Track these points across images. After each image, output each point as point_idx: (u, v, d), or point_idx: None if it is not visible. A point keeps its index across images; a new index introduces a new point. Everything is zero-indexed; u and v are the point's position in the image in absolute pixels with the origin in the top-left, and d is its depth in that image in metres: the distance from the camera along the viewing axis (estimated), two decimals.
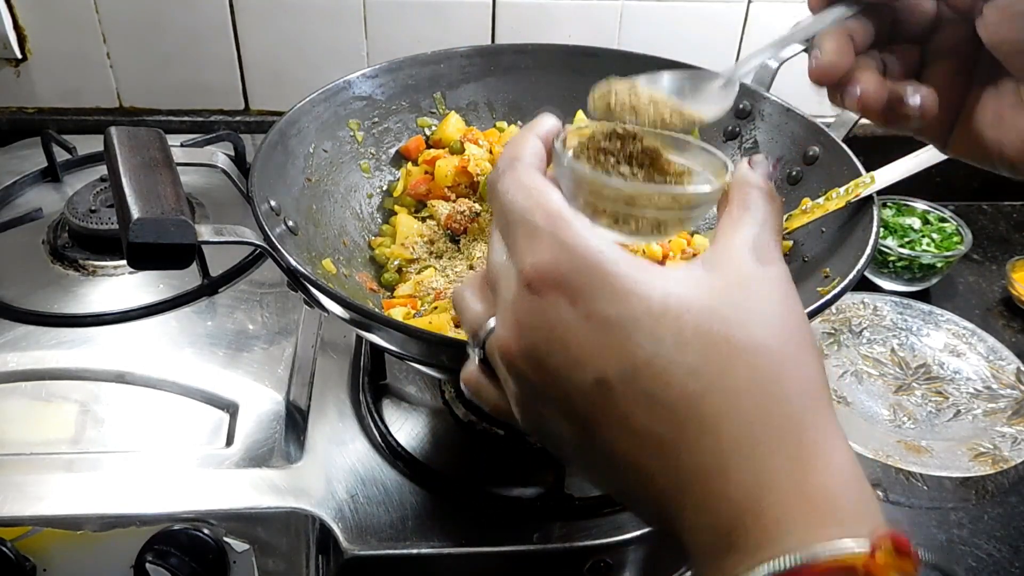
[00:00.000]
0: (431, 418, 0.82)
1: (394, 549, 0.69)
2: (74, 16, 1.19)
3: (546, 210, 0.38)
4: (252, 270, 0.99)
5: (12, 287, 0.94)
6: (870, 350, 1.01)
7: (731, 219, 0.40)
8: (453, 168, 0.89)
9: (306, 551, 0.72)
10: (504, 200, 0.40)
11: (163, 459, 0.76)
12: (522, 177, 0.40)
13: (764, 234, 0.39)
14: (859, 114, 0.56)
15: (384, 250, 0.87)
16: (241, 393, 0.82)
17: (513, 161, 0.42)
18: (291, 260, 0.65)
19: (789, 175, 0.87)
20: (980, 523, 0.82)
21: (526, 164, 0.42)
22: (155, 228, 0.60)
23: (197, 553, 0.70)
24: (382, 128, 0.94)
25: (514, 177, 0.41)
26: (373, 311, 0.65)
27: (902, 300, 1.07)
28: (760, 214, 0.40)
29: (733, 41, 1.23)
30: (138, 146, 0.69)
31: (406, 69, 0.94)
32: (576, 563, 0.71)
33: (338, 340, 0.89)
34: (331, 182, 0.87)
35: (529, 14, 1.20)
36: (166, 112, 1.28)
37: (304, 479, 0.74)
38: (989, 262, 1.21)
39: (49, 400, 0.81)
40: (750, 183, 0.42)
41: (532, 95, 1.00)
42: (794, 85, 0.99)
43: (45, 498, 0.71)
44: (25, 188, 1.12)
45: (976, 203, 1.34)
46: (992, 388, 0.95)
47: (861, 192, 0.75)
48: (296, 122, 0.83)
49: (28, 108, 1.27)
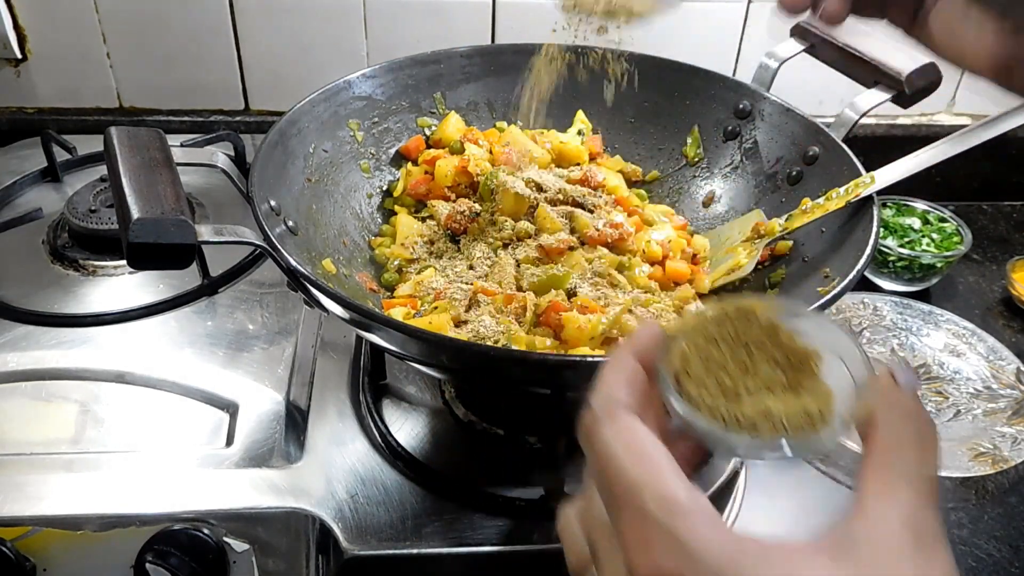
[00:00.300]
0: (431, 418, 0.82)
1: (394, 549, 0.69)
2: (74, 16, 1.19)
3: (658, 493, 0.32)
4: (252, 270, 0.99)
5: (12, 287, 0.94)
6: (870, 350, 1.01)
7: (878, 473, 0.33)
8: (453, 168, 0.89)
9: (306, 551, 0.72)
10: (605, 462, 0.34)
11: (163, 459, 0.76)
12: (625, 433, 0.35)
13: (924, 506, 0.31)
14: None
15: (384, 250, 0.87)
16: (241, 393, 0.82)
17: (612, 406, 0.36)
18: (291, 260, 0.65)
19: (789, 175, 0.87)
20: (980, 523, 0.82)
21: (627, 409, 0.36)
22: (155, 228, 0.60)
23: (197, 553, 0.70)
24: (382, 128, 0.94)
25: (615, 432, 0.35)
26: (373, 311, 0.65)
27: (902, 300, 1.07)
28: (917, 467, 0.32)
29: (733, 41, 1.23)
30: (138, 146, 0.69)
31: (406, 69, 0.95)
32: None
33: (338, 340, 0.89)
34: (331, 182, 0.87)
35: (529, 14, 1.20)
36: (166, 112, 1.28)
37: (304, 479, 0.74)
38: (989, 262, 1.21)
39: (49, 400, 0.81)
40: (902, 409, 0.34)
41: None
42: (794, 85, 0.99)
43: (45, 498, 0.71)
44: (25, 188, 1.12)
45: (976, 203, 1.34)
46: (992, 388, 0.95)
47: (861, 192, 0.75)
48: (296, 122, 0.83)
49: (28, 108, 1.27)
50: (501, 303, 0.75)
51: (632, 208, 0.90)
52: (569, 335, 0.72)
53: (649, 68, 0.97)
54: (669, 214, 0.93)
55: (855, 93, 0.83)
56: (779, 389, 0.38)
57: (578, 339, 0.72)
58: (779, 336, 0.39)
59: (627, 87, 0.98)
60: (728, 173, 0.94)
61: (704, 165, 0.95)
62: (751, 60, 1.11)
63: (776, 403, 0.37)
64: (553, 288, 0.77)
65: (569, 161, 0.95)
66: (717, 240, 0.90)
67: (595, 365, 0.58)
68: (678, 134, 0.96)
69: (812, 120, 0.86)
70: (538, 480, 0.74)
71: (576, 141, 0.96)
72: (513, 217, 0.84)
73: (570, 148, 0.95)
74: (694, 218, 0.94)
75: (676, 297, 0.81)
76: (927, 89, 0.80)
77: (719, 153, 0.94)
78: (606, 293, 0.77)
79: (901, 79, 0.79)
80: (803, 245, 0.82)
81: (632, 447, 0.34)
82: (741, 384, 0.38)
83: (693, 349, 0.39)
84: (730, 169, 0.93)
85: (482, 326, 0.72)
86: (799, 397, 0.38)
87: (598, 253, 0.81)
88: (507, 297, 0.75)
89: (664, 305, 0.78)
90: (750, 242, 0.84)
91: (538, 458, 0.78)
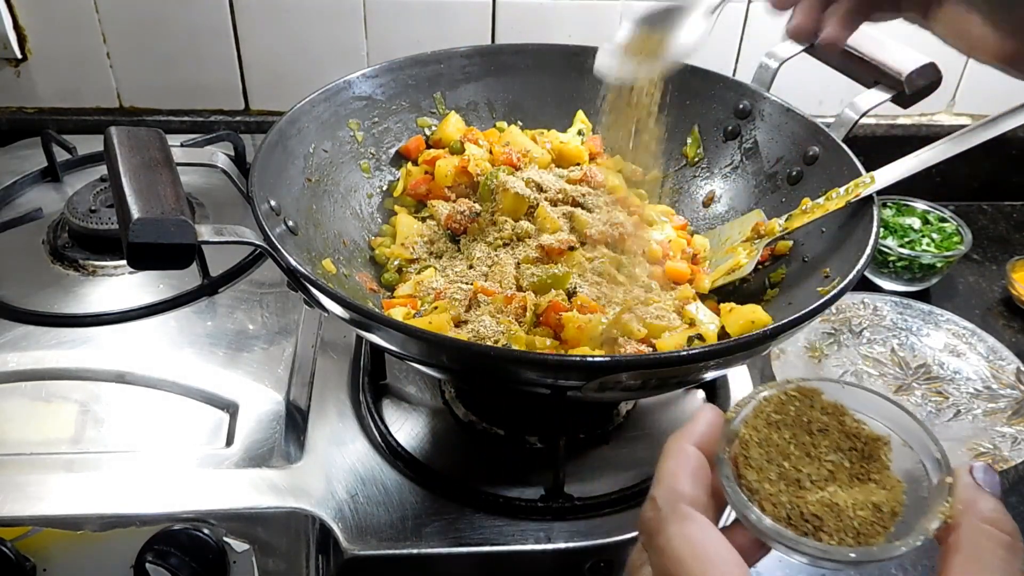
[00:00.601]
0: (431, 418, 0.82)
1: (394, 549, 0.69)
2: (74, 16, 1.19)
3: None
4: (252, 270, 0.99)
5: (12, 287, 0.94)
6: (870, 350, 1.01)
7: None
8: (453, 168, 0.89)
9: (306, 551, 0.72)
10: (671, 564, 0.33)
11: (163, 459, 0.76)
12: (691, 534, 0.34)
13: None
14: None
15: (384, 250, 0.87)
16: (241, 393, 0.82)
17: (677, 500, 0.35)
18: (291, 260, 0.65)
19: (789, 175, 0.87)
20: None
21: (692, 505, 0.35)
22: (155, 228, 0.60)
23: (197, 553, 0.70)
24: (382, 128, 0.94)
25: (681, 533, 0.34)
26: (373, 311, 0.65)
27: (902, 300, 1.07)
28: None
29: (733, 41, 1.23)
30: (138, 146, 0.69)
31: (406, 69, 0.95)
32: (576, 563, 0.71)
33: (338, 340, 0.89)
34: (331, 182, 0.87)
35: (529, 14, 1.20)
36: (166, 112, 1.28)
37: (304, 479, 0.74)
38: (989, 262, 1.21)
39: (49, 400, 0.81)
40: (986, 518, 0.33)
41: (532, 95, 1.00)
42: (794, 85, 0.99)
43: (45, 498, 0.71)
44: (25, 188, 1.12)
45: (976, 203, 1.34)
46: (992, 388, 0.95)
47: (861, 192, 0.75)
48: (296, 122, 0.83)
49: (28, 108, 1.27)
50: (501, 303, 0.75)
51: (632, 208, 0.90)
52: (569, 335, 0.72)
53: None
54: (669, 214, 0.93)
55: (855, 93, 0.83)
56: (845, 478, 0.36)
57: (578, 339, 0.72)
58: (844, 420, 0.37)
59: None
60: (728, 173, 0.94)
61: (704, 165, 0.95)
62: (751, 60, 1.11)
63: (843, 496, 0.35)
64: (553, 288, 0.77)
65: (569, 161, 0.95)
66: (717, 240, 0.90)
67: (595, 365, 0.59)
68: (678, 134, 0.96)
69: (812, 120, 0.86)
70: (538, 480, 0.74)
71: (576, 141, 0.96)
72: (513, 217, 0.84)
73: (570, 148, 0.95)
74: (694, 218, 0.94)
75: (676, 297, 0.81)
76: (927, 89, 0.81)
77: (719, 153, 0.94)
78: (606, 293, 0.77)
79: (901, 79, 0.79)
80: (803, 245, 0.82)
81: (698, 552, 0.33)
82: (804, 472, 0.36)
83: (753, 434, 0.37)
84: (730, 169, 0.93)
85: (482, 326, 0.72)
86: (867, 489, 0.35)
87: (598, 253, 0.81)
88: (507, 297, 0.75)
89: (664, 305, 0.79)
90: (750, 242, 0.84)
91: (538, 458, 0.78)
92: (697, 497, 0.36)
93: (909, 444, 0.37)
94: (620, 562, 0.72)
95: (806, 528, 0.35)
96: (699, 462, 0.37)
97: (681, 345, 0.73)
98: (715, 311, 0.80)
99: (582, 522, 0.72)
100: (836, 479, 0.36)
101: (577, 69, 0.98)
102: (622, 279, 0.80)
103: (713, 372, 0.70)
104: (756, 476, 0.36)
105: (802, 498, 0.35)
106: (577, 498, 0.73)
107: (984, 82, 1.21)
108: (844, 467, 0.36)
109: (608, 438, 0.81)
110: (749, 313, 0.75)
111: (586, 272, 0.79)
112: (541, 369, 0.60)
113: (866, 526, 0.34)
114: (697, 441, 0.38)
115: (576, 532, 0.71)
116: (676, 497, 0.35)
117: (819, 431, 0.37)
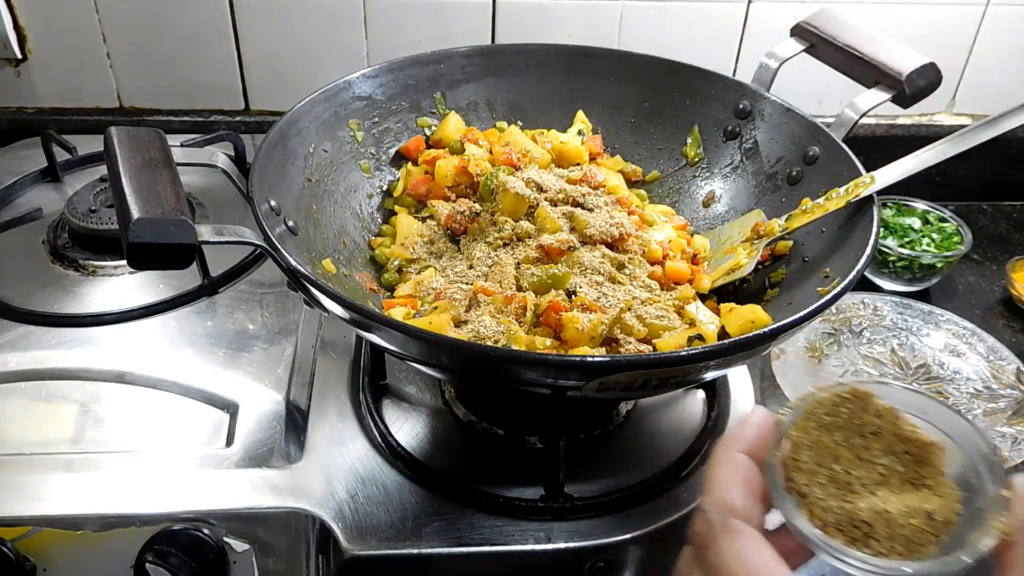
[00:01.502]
0: (431, 418, 0.82)
1: (394, 549, 0.69)
2: (74, 16, 1.19)
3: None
4: (252, 270, 0.99)
5: (12, 287, 0.94)
6: (870, 350, 1.01)
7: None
8: (453, 168, 0.89)
9: (306, 551, 0.72)
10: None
11: (163, 459, 0.76)
12: (742, 551, 0.33)
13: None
14: None
15: (384, 250, 0.87)
16: (241, 393, 0.82)
17: (728, 514, 0.34)
18: (291, 260, 0.65)
19: (789, 175, 0.87)
20: None
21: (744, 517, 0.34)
22: (155, 228, 0.60)
23: (197, 553, 0.70)
24: (382, 128, 0.94)
25: (732, 549, 0.33)
26: (373, 311, 0.65)
27: (902, 300, 1.07)
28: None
29: (733, 41, 1.23)
30: (138, 146, 0.69)
31: (406, 69, 0.95)
32: (576, 563, 0.71)
33: (338, 340, 0.89)
34: (331, 182, 0.87)
35: (529, 14, 1.20)
36: (166, 112, 1.28)
37: (304, 479, 0.74)
38: (989, 262, 1.21)
39: (49, 400, 0.81)
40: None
41: (532, 95, 1.00)
42: (794, 85, 0.99)
43: (45, 498, 0.71)
44: (25, 188, 1.12)
45: (976, 203, 1.34)
46: (992, 388, 0.95)
47: (861, 192, 0.75)
48: (296, 122, 0.83)
49: (28, 108, 1.27)
50: (501, 303, 0.75)
51: (632, 208, 0.90)
52: (569, 335, 0.72)
53: (649, 68, 0.97)
54: (669, 214, 0.93)
55: (855, 93, 0.83)
56: (897, 483, 0.35)
57: (578, 339, 0.72)
58: (898, 423, 0.36)
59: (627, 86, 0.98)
60: (728, 173, 0.94)
61: (704, 165, 0.95)
62: (751, 60, 1.11)
63: (894, 501, 0.34)
64: (553, 288, 0.77)
65: (569, 161, 0.95)
66: (717, 240, 0.90)
67: (595, 365, 0.59)
68: (678, 134, 0.96)
69: (812, 120, 0.86)
70: (538, 480, 0.74)
71: (576, 141, 0.96)
72: (513, 217, 0.84)
73: (570, 148, 0.95)
74: (694, 218, 0.94)
75: (676, 297, 0.81)
76: (927, 89, 0.81)
77: (719, 153, 0.94)
78: (606, 293, 0.77)
79: (901, 79, 0.79)
80: (803, 245, 0.82)
81: (749, 570, 0.33)
82: (855, 475, 0.35)
83: (804, 437, 0.36)
84: (730, 169, 0.93)
85: (482, 326, 0.72)
86: (920, 495, 0.34)
87: (598, 253, 0.81)
88: (507, 297, 0.75)
89: (664, 305, 0.78)
90: (750, 242, 0.84)
91: (538, 458, 0.78)
92: (748, 509, 0.35)
93: (965, 451, 0.36)
94: (620, 562, 0.73)
95: (855, 534, 0.34)
96: (749, 470, 0.36)
97: (681, 345, 0.73)
98: (715, 311, 0.80)
99: (582, 522, 0.72)
100: (888, 483, 0.35)
101: (577, 69, 0.98)
102: (622, 279, 0.80)
103: (713, 372, 0.70)
104: (806, 480, 0.35)
105: (852, 503, 0.34)
106: (577, 498, 0.73)
107: (984, 82, 1.21)
108: (896, 471, 0.36)
109: (608, 438, 0.81)
110: (749, 313, 0.75)
111: (586, 272, 0.79)
112: (541, 369, 0.60)
113: (917, 535, 0.33)
114: (747, 447, 0.37)
115: (576, 532, 0.71)
116: (726, 510, 0.35)
117: (871, 434, 0.36)
